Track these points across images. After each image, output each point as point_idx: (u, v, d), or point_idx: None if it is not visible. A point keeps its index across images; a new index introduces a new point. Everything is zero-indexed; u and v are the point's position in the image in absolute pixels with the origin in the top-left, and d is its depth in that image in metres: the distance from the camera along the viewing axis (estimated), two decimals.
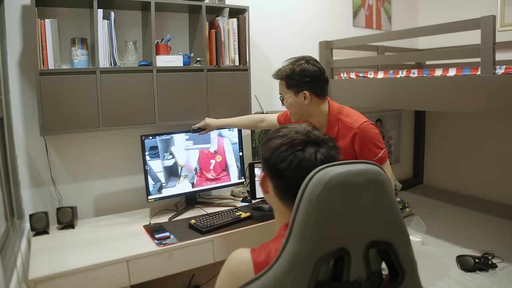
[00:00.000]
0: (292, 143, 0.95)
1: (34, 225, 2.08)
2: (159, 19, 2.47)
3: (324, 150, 0.95)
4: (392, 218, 0.83)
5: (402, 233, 0.85)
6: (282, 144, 0.96)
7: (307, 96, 1.78)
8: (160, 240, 1.97)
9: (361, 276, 0.79)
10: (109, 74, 2.17)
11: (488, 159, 3.58)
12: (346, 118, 1.79)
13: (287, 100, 1.83)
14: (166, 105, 2.34)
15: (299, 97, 1.79)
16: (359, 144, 1.72)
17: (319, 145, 0.95)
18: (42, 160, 2.27)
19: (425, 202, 3.61)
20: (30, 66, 2.16)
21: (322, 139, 0.97)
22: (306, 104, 1.79)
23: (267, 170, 1.00)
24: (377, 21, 3.70)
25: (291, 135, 0.97)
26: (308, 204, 0.76)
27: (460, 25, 2.26)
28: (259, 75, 2.94)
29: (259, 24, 2.96)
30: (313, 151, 0.94)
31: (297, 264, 0.75)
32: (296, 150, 0.94)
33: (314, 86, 1.78)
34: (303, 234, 0.76)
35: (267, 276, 0.77)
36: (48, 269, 1.71)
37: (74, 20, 2.28)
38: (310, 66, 1.77)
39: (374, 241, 0.80)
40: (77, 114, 2.11)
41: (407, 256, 0.85)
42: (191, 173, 2.45)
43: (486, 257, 2.33)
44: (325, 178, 0.76)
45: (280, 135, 0.99)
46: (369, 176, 0.80)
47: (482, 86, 2.11)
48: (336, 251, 0.77)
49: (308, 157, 0.93)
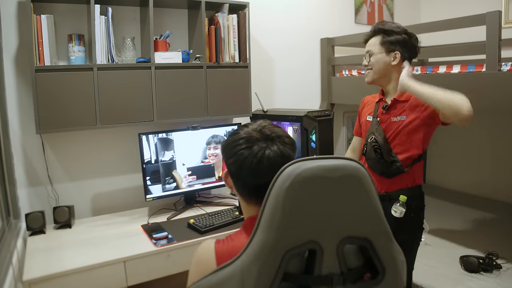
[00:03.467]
0: (245, 139, 0.95)
1: (30, 225, 2.05)
2: (157, 15, 2.43)
3: (276, 147, 0.93)
4: (371, 215, 0.82)
5: (382, 230, 0.84)
6: (235, 140, 0.97)
7: (397, 57, 1.77)
8: (158, 240, 1.94)
9: (334, 270, 0.79)
10: (107, 71, 2.13)
11: (492, 158, 3.54)
12: None
13: (376, 55, 1.80)
14: (164, 102, 2.30)
15: (389, 56, 1.78)
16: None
17: (272, 141, 0.95)
18: (38, 159, 2.24)
19: (428, 202, 3.55)
20: (26, 63, 2.12)
21: (277, 135, 0.96)
22: (392, 66, 1.78)
23: (226, 166, 1.02)
24: (379, 18, 3.65)
25: (247, 131, 0.97)
26: (276, 197, 0.77)
27: (465, 21, 2.22)
28: (260, 72, 2.91)
29: (260, 21, 2.92)
30: (263, 147, 0.93)
31: (264, 254, 0.77)
32: (246, 147, 0.94)
33: (406, 50, 1.78)
34: (270, 226, 0.77)
35: (235, 264, 0.80)
36: (43, 269, 1.67)
37: (71, 16, 2.24)
38: (409, 32, 1.80)
39: (349, 236, 0.80)
40: (74, 111, 2.08)
41: (387, 254, 0.84)
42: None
43: (490, 258, 2.30)
44: (294, 172, 0.77)
45: (236, 132, 1.00)
46: (345, 172, 0.79)
47: (487, 83, 2.07)
48: (305, 244, 0.78)
49: (255, 153, 0.92)
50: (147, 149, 2.27)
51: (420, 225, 1.86)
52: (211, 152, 2.47)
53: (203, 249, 0.94)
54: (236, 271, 0.79)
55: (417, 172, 1.81)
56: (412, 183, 1.79)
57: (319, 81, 3.29)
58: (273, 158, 0.92)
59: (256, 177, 0.92)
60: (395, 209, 1.73)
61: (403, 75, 1.72)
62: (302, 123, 2.52)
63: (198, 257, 0.94)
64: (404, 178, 1.78)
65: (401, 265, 0.87)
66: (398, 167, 1.74)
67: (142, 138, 2.25)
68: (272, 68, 3.05)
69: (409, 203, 1.74)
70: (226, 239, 0.95)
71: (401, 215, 1.72)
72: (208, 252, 0.92)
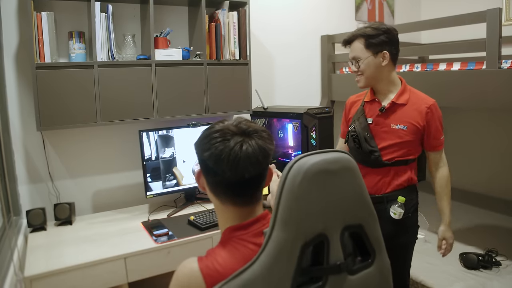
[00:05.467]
0: (222, 132, 0.91)
1: (31, 222, 2.06)
2: (158, 12, 2.43)
3: (253, 142, 0.89)
4: (362, 201, 0.88)
5: (371, 215, 0.90)
6: (210, 133, 0.92)
7: (386, 57, 1.73)
8: (159, 237, 1.95)
9: (340, 258, 0.83)
10: (107, 68, 2.13)
11: (491, 155, 3.54)
12: (417, 91, 1.81)
13: (364, 61, 1.75)
14: (165, 99, 2.30)
15: (377, 58, 1.74)
16: (430, 119, 1.73)
17: (249, 136, 0.90)
18: (39, 156, 2.24)
19: (428, 199, 3.56)
20: (26, 60, 2.12)
21: (254, 129, 0.92)
22: (382, 67, 1.74)
23: (199, 163, 0.96)
24: (379, 15, 3.65)
25: (223, 126, 0.93)
26: (290, 193, 0.79)
27: (466, 18, 2.22)
28: (260, 69, 2.91)
29: (260, 18, 2.91)
30: (239, 141, 0.88)
31: (284, 251, 0.78)
32: (222, 140, 0.89)
33: (392, 47, 1.75)
34: (287, 222, 0.78)
35: (255, 266, 0.79)
36: (44, 266, 1.68)
37: (71, 13, 2.24)
38: (388, 26, 1.76)
39: (348, 225, 0.85)
40: (75, 108, 2.08)
41: (376, 237, 0.90)
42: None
43: (489, 255, 2.30)
44: (304, 167, 0.80)
45: (212, 127, 0.95)
46: (342, 164, 0.85)
47: (487, 80, 2.07)
48: (317, 237, 0.81)
49: (232, 146, 0.87)
50: (148, 146, 2.28)
51: (416, 222, 1.87)
52: None
53: (187, 273, 0.86)
54: (257, 272, 0.78)
55: (411, 172, 1.81)
56: (408, 182, 1.79)
57: (319, 78, 3.29)
58: (251, 152, 0.88)
59: (236, 170, 0.87)
60: (394, 211, 1.72)
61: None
62: (302, 120, 2.52)
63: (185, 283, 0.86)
64: (400, 179, 1.77)
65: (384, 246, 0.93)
66: (377, 157, 1.75)
67: (142, 135, 2.26)
68: (272, 65, 3.05)
69: (406, 204, 1.74)
70: (207, 255, 0.89)
71: (400, 216, 1.71)
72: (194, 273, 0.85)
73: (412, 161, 1.79)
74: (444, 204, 1.79)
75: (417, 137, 1.75)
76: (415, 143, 1.76)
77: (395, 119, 1.75)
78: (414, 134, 1.73)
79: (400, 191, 1.76)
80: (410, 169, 1.80)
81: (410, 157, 1.77)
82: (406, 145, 1.74)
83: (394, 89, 1.79)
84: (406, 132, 1.72)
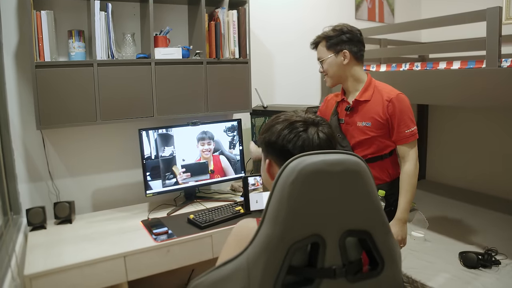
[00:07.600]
0: (294, 125, 1.00)
1: (31, 220, 2.06)
2: (157, 11, 2.43)
3: (325, 129, 1.01)
4: (371, 208, 0.84)
5: (381, 223, 0.86)
6: (285, 127, 1.01)
7: (347, 56, 1.80)
8: (158, 235, 1.95)
9: (336, 263, 0.81)
10: (107, 66, 2.13)
11: (491, 154, 3.54)
12: (382, 86, 1.84)
13: (326, 61, 1.85)
14: (164, 98, 2.30)
15: (338, 57, 1.82)
16: (393, 112, 1.75)
17: (318, 125, 1.01)
18: (39, 154, 2.24)
19: (428, 198, 3.58)
20: (26, 59, 2.12)
21: (319, 120, 1.03)
22: (345, 65, 1.82)
23: (274, 154, 1.03)
24: (379, 14, 3.64)
25: (293, 119, 1.02)
26: (281, 191, 0.78)
27: (466, 17, 2.22)
28: (260, 68, 2.91)
29: (260, 16, 2.91)
30: (314, 131, 0.99)
31: (270, 247, 0.78)
32: (300, 132, 0.99)
33: (353, 46, 1.81)
34: (275, 219, 0.78)
35: (241, 258, 0.81)
36: (44, 264, 1.68)
37: (71, 11, 2.24)
38: (349, 27, 1.84)
39: (351, 230, 0.82)
40: (74, 107, 2.08)
41: (386, 246, 0.86)
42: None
43: (489, 254, 2.30)
44: (299, 167, 0.78)
45: (281, 121, 1.03)
46: (346, 166, 0.81)
47: (487, 79, 2.07)
48: (310, 237, 0.79)
49: (311, 136, 0.98)
50: (147, 144, 2.28)
51: None
52: (205, 148, 2.46)
53: (247, 228, 0.97)
54: (242, 265, 0.80)
55: (390, 166, 1.85)
56: (388, 177, 1.84)
57: (319, 76, 3.28)
58: (325, 139, 0.99)
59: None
60: None
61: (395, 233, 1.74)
62: None
63: (239, 232, 0.98)
64: (379, 174, 1.82)
65: (399, 258, 0.89)
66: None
67: (142, 133, 2.26)
68: (272, 64, 3.05)
69: (388, 197, 1.79)
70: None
71: None
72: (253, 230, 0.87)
73: (388, 155, 1.83)
74: (401, 198, 1.78)
75: (384, 132, 1.78)
76: (383, 137, 1.79)
77: (360, 117, 1.81)
78: (380, 129, 1.77)
79: (382, 185, 1.81)
80: (388, 163, 1.84)
81: (384, 152, 1.81)
82: (374, 141, 1.79)
83: (360, 87, 1.85)
84: (370, 128, 1.77)
